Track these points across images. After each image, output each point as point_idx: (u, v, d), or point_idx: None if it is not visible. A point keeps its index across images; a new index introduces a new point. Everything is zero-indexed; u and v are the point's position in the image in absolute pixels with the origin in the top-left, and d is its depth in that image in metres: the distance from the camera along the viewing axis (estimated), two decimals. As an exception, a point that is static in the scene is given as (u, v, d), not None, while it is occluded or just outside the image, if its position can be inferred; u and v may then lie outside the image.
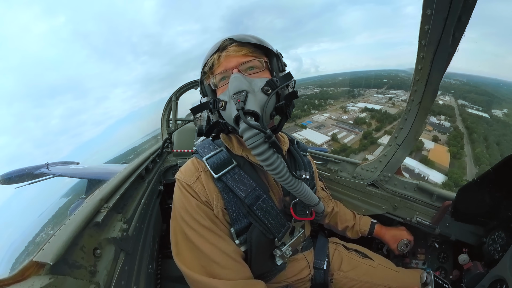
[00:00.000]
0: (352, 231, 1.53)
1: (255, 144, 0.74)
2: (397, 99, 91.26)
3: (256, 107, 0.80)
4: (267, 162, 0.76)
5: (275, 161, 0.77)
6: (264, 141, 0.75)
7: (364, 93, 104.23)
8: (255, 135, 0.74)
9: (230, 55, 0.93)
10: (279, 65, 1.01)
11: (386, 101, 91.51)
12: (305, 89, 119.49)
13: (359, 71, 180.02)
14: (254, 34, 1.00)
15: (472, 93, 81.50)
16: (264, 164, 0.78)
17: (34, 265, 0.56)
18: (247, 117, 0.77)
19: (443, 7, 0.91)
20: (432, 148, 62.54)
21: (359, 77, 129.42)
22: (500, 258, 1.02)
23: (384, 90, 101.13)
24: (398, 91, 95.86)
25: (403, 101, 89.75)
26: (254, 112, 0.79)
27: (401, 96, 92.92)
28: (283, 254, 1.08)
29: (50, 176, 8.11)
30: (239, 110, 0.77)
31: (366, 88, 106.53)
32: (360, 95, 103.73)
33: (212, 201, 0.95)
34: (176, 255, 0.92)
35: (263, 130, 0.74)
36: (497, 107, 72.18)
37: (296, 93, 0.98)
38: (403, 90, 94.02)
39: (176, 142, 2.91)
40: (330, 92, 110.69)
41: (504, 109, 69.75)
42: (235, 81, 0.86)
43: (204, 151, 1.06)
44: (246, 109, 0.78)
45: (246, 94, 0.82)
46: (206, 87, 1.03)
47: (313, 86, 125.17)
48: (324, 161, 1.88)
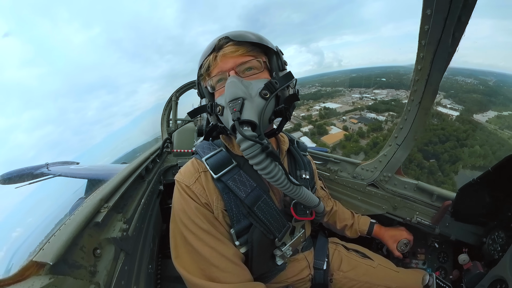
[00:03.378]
0: (351, 230, 1.53)
1: (252, 154, 0.74)
2: (367, 99, 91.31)
3: (253, 115, 0.79)
4: (265, 171, 0.77)
5: (273, 170, 0.78)
6: (261, 151, 0.75)
7: (345, 93, 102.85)
8: (252, 145, 0.74)
9: (226, 56, 0.89)
10: (279, 64, 0.97)
11: (355, 101, 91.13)
12: (307, 88, 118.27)
13: (375, 67, 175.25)
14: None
15: (476, 93, 79.10)
16: (262, 173, 0.78)
17: (34, 265, 0.56)
18: (244, 127, 0.76)
19: (443, 7, 0.91)
20: (334, 133, 69.81)
21: (360, 76, 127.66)
22: (500, 258, 1.02)
23: (368, 90, 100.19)
24: (382, 91, 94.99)
25: (372, 99, 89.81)
26: (250, 122, 0.77)
27: (378, 95, 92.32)
28: (283, 254, 1.08)
29: (50, 176, 8.10)
30: (235, 121, 0.76)
31: (365, 87, 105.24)
32: (341, 95, 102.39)
33: (212, 203, 0.94)
34: (175, 258, 0.92)
35: (259, 141, 0.73)
36: (494, 110, 69.65)
37: (296, 95, 0.96)
38: (390, 89, 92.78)
39: (176, 142, 2.91)
40: (322, 92, 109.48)
41: (495, 112, 67.00)
42: (231, 87, 0.83)
43: (204, 151, 1.04)
44: (242, 118, 0.76)
45: (243, 101, 0.80)
46: (203, 89, 1.01)
47: (316, 84, 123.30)
48: (324, 161, 1.88)
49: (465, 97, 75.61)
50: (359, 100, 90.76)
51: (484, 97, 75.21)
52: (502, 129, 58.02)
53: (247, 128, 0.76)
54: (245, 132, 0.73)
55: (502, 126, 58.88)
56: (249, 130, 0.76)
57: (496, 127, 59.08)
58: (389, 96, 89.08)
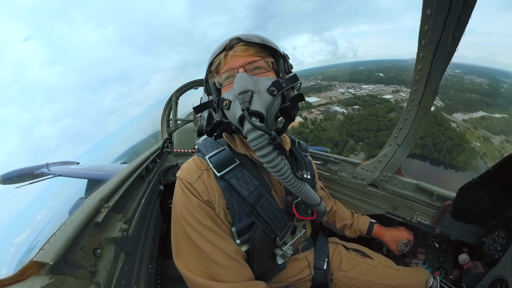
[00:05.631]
0: (351, 230, 1.53)
1: (260, 145, 0.73)
2: (347, 93, 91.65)
3: (261, 108, 0.80)
4: (272, 163, 0.76)
5: (279, 163, 0.76)
6: (269, 143, 0.74)
7: (333, 88, 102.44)
8: (260, 136, 0.73)
9: (236, 55, 0.93)
10: (285, 67, 1.01)
11: (336, 95, 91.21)
12: (308, 81, 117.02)
13: (388, 60, 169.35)
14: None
15: (475, 93, 78.01)
16: (268, 166, 0.77)
17: (34, 265, 0.56)
18: (252, 118, 0.76)
19: (443, 7, 0.91)
20: (295, 121, 76.37)
21: (361, 71, 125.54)
22: (500, 258, 1.03)
23: (356, 85, 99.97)
24: (370, 86, 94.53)
25: (351, 94, 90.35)
26: (259, 113, 0.78)
27: (362, 90, 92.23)
28: (284, 254, 1.08)
29: (50, 176, 8.11)
30: (244, 110, 0.76)
31: (365, 82, 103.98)
32: (330, 89, 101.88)
33: (214, 200, 0.95)
34: (176, 255, 0.92)
35: (268, 131, 0.73)
36: (485, 111, 68.25)
37: (302, 96, 0.97)
38: (380, 85, 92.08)
39: (176, 142, 2.91)
40: (316, 86, 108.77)
41: (484, 113, 65.83)
42: (241, 81, 0.86)
43: (207, 149, 1.05)
44: (251, 109, 0.77)
45: (252, 94, 0.81)
46: (211, 85, 1.03)
47: (320, 77, 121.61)
48: (324, 161, 1.88)
49: (455, 96, 75.37)
50: (340, 95, 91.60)
51: (481, 98, 74.57)
52: (476, 128, 58.26)
53: (255, 119, 0.77)
54: (254, 122, 0.73)
55: (479, 126, 59.09)
56: (257, 121, 0.76)
57: (471, 126, 59.25)
58: (372, 91, 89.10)
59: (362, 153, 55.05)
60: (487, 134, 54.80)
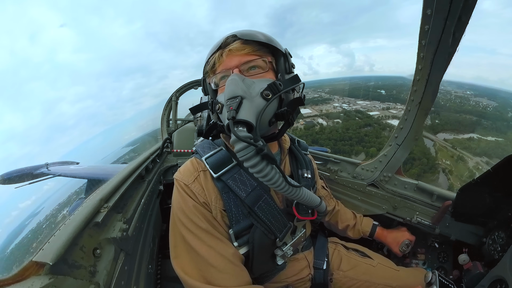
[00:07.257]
0: (354, 231, 1.52)
1: (245, 157, 0.70)
2: (339, 108, 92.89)
3: (251, 116, 0.75)
4: (261, 174, 0.72)
5: (269, 173, 0.72)
6: (256, 154, 0.70)
7: (329, 102, 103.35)
8: (246, 147, 0.69)
9: (232, 53, 0.88)
10: (286, 66, 0.95)
11: (327, 108, 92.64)
12: (316, 93, 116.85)
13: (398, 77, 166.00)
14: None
15: (472, 114, 76.76)
16: (258, 176, 0.73)
17: (33, 265, 0.56)
18: (239, 127, 0.72)
19: (443, 7, 0.91)
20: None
21: (359, 87, 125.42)
22: (500, 258, 1.02)
23: (351, 100, 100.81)
24: (364, 102, 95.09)
25: (342, 109, 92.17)
26: (246, 122, 0.73)
27: (354, 105, 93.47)
28: (284, 254, 1.07)
29: (50, 176, 8.12)
30: (229, 120, 0.72)
31: (362, 98, 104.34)
32: (326, 103, 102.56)
33: (211, 202, 0.93)
34: (174, 258, 0.91)
35: (253, 143, 0.68)
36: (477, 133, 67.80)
37: (301, 100, 0.94)
38: (375, 101, 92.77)
39: (176, 142, 2.91)
40: (318, 99, 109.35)
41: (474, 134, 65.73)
42: (231, 85, 0.81)
43: (204, 150, 1.03)
44: (238, 118, 0.73)
45: (241, 100, 0.77)
46: (207, 85, 1.00)
47: (326, 90, 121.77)
48: (324, 161, 1.88)
49: (447, 116, 75.25)
50: (332, 109, 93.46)
51: (478, 120, 73.52)
52: (455, 148, 58.39)
53: (242, 128, 0.72)
54: (239, 133, 0.69)
55: (458, 147, 59.24)
56: (244, 131, 0.72)
57: (448, 145, 59.70)
58: (364, 107, 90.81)
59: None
60: (466, 154, 54.80)
